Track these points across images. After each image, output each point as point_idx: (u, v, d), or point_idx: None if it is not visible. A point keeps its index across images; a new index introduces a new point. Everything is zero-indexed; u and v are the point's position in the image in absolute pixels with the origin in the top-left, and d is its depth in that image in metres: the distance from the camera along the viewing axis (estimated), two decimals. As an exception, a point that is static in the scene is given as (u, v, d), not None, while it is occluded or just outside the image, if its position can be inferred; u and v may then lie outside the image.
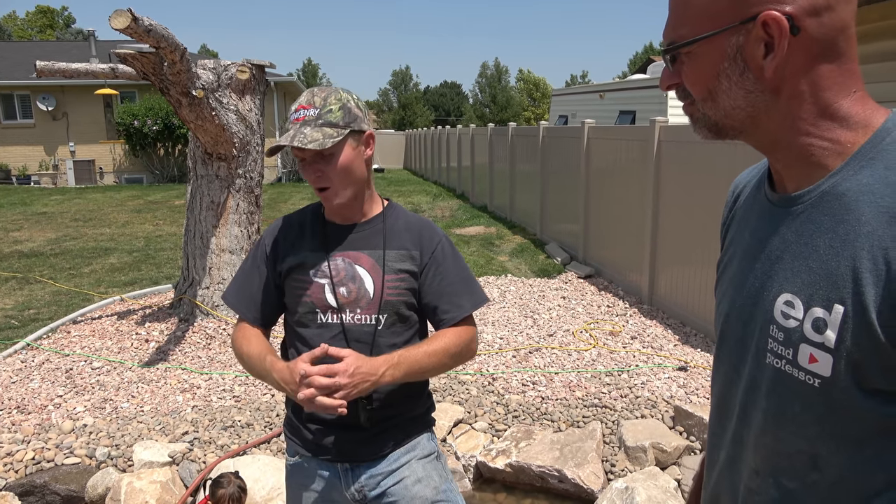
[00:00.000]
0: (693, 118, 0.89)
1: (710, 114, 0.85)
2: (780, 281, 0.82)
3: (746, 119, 0.83)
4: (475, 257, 8.16)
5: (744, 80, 0.80)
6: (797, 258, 0.80)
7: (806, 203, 0.81)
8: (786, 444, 0.82)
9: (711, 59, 0.81)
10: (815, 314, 0.76)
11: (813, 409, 0.78)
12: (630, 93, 12.00)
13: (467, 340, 1.61)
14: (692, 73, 0.84)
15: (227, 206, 5.37)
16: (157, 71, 4.38)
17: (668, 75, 0.88)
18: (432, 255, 1.60)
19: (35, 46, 25.44)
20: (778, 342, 0.81)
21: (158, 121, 18.89)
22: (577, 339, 5.10)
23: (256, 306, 1.63)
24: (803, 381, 0.78)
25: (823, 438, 0.78)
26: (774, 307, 0.81)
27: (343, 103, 1.51)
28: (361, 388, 1.41)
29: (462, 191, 15.42)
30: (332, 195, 1.52)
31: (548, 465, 3.23)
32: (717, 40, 0.80)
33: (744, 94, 0.81)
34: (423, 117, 58.94)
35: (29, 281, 7.04)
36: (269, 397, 3.99)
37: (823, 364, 0.75)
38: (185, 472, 3.21)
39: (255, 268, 1.65)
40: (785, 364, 0.80)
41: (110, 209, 13.16)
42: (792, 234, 0.82)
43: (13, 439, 3.43)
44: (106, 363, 4.60)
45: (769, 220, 0.87)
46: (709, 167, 4.91)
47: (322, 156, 1.49)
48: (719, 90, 0.82)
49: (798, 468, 0.81)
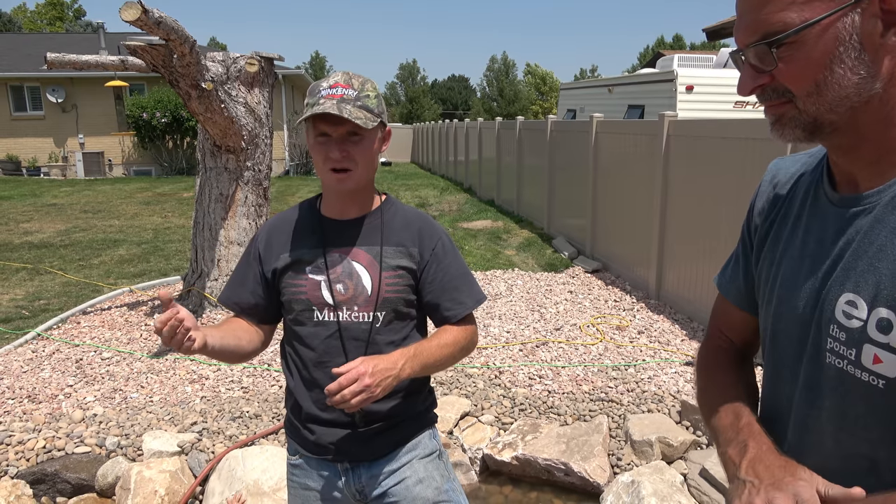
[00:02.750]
0: (782, 119, 0.79)
1: (812, 109, 0.76)
2: (842, 280, 0.79)
3: (847, 112, 0.75)
4: (482, 251, 8.16)
5: (858, 65, 0.72)
6: (860, 258, 0.77)
7: (875, 203, 0.77)
8: (845, 445, 0.79)
9: (824, 44, 0.72)
10: (880, 314, 0.73)
11: (877, 411, 0.75)
12: (639, 87, 11.93)
13: (472, 334, 1.62)
14: (796, 66, 0.75)
15: (235, 199, 5.39)
16: (167, 63, 4.39)
17: (752, 75, 0.78)
18: (433, 253, 1.58)
19: (45, 38, 25.52)
20: (839, 342, 0.78)
21: (167, 113, 18.95)
22: (584, 333, 5.10)
23: (249, 304, 1.62)
24: (867, 381, 0.75)
25: (884, 441, 0.75)
26: (836, 307, 0.79)
27: (378, 93, 1.52)
28: (385, 385, 1.38)
29: (469, 185, 15.40)
30: (349, 178, 1.48)
31: (554, 459, 3.24)
32: (832, 22, 0.71)
33: (857, 81, 0.73)
34: (431, 111, 58.85)
35: (39, 272, 7.09)
36: (276, 388, 4.02)
37: (889, 365, 0.73)
38: (194, 461, 3.24)
39: (248, 267, 1.63)
40: (847, 364, 0.77)
41: (119, 201, 13.22)
42: (856, 233, 0.79)
43: (24, 428, 3.47)
44: (115, 353, 4.64)
45: (828, 218, 0.84)
46: (718, 162, 4.89)
47: (352, 137, 1.46)
48: (830, 80, 0.74)
49: (856, 472, 0.78)
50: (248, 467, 3.09)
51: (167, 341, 1.30)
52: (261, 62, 5.30)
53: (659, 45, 55.50)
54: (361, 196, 1.57)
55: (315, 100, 1.44)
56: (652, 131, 5.92)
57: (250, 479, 3.03)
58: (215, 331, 1.49)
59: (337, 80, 1.46)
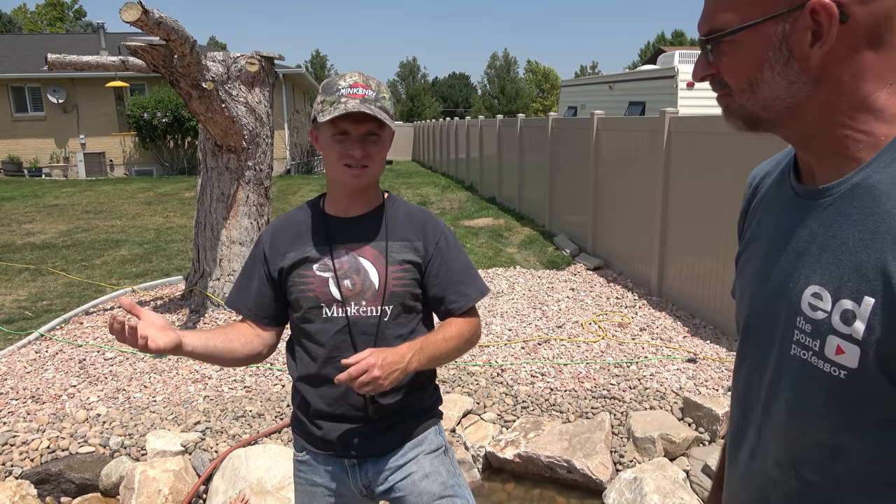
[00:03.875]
0: (727, 109, 0.86)
1: (748, 105, 0.82)
2: (808, 273, 0.81)
3: (784, 111, 0.80)
4: (484, 249, 8.16)
5: (787, 70, 0.77)
6: (825, 250, 0.79)
7: (835, 195, 0.80)
8: (808, 436, 0.82)
9: (756, 47, 0.78)
10: (843, 306, 0.75)
11: (837, 401, 0.78)
12: (640, 84, 11.93)
13: (476, 326, 1.64)
14: (733, 63, 0.81)
15: (237, 198, 5.39)
16: (167, 63, 4.39)
17: (703, 65, 0.85)
18: (437, 246, 1.61)
19: (45, 39, 25.54)
20: (805, 333, 0.80)
21: (168, 113, 18.96)
22: (586, 330, 5.10)
23: (256, 305, 1.63)
24: (829, 372, 0.77)
25: (846, 429, 0.77)
26: (802, 299, 0.81)
27: (391, 96, 1.57)
28: (393, 377, 1.40)
29: (470, 182, 15.41)
30: (365, 174, 1.52)
31: (557, 456, 3.24)
32: (764, 28, 0.77)
33: (786, 84, 0.78)
34: (432, 109, 58.84)
35: (42, 272, 7.11)
36: (279, 388, 4.03)
37: (850, 356, 0.74)
38: (198, 461, 3.25)
39: (253, 268, 1.64)
40: (811, 356, 0.79)
41: (121, 201, 13.24)
42: (819, 225, 0.81)
43: (28, 428, 3.48)
44: (118, 353, 4.65)
45: (795, 212, 0.86)
46: (719, 159, 4.89)
47: (371, 136, 1.51)
48: (761, 80, 0.79)
49: (819, 460, 0.81)
50: (251, 466, 3.10)
51: (119, 339, 1.30)
52: (261, 61, 5.30)
53: (659, 41, 55.42)
54: (368, 193, 1.61)
55: (336, 98, 1.46)
56: (653, 128, 5.91)
57: (254, 477, 3.04)
58: (200, 333, 1.50)
59: (356, 80, 1.50)
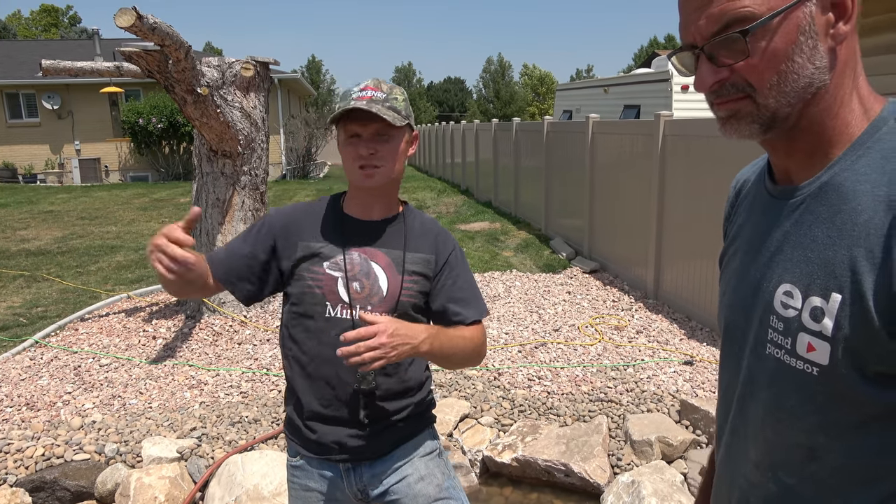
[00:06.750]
0: (738, 115, 0.78)
1: (772, 103, 0.76)
2: (780, 271, 0.81)
3: (800, 104, 0.76)
4: (480, 253, 8.16)
5: (814, 55, 0.73)
6: (796, 248, 0.80)
7: (805, 194, 0.80)
8: (784, 436, 0.81)
9: (788, 33, 0.72)
10: (812, 303, 0.76)
11: (811, 399, 0.77)
12: (635, 87, 11.95)
13: (484, 335, 1.64)
14: (764, 56, 0.74)
15: (232, 204, 5.38)
16: (162, 69, 4.39)
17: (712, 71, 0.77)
18: (447, 261, 1.62)
19: (40, 45, 25.51)
20: (778, 332, 0.80)
21: (163, 119, 18.92)
22: (583, 333, 5.10)
23: (231, 271, 1.56)
24: (801, 370, 0.77)
25: (822, 428, 0.77)
26: (774, 297, 0.81)
27: (406, 98, 1.58)
28: (401, 350, 1.36)
29: (466, 186, 15.41)
30: (376, 174, 1.51)
31: (554, 460, 3.24)
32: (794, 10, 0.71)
33: (812, 71, 0.74)
34: (427, 113, 58.88)
35: (36, 279, 7.08)
36: (275, 393, 4.01)
37: (821, 352, 0.75)
38: (194, 467, 3.23)
39: (247, 242, 1.59)
40: (784, 354, 0.80)
41: (116, 207, 13.20)
42: (792, 225, 0.81)
43: (23, 436, 3.46)
44: (114, 360, 4.63)
45: (770, 212, 0.87)
46: (714, 161, 4.90)
47: (380, 136, 1.51)
48: (790, 71, 0.74)
49: (796, 461, 0.81)
50: (247, 472, 3.09)
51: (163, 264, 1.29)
52: (256, 66, 5.30)
53: (653, 45, 55.61)
54: (385, 198, 1.61)
55: (346, 102, 1.50)
56: (648, 131, 5.93)
57: (250, 483, 3.03)
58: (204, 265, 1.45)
59: (367, 84, 1.53)
